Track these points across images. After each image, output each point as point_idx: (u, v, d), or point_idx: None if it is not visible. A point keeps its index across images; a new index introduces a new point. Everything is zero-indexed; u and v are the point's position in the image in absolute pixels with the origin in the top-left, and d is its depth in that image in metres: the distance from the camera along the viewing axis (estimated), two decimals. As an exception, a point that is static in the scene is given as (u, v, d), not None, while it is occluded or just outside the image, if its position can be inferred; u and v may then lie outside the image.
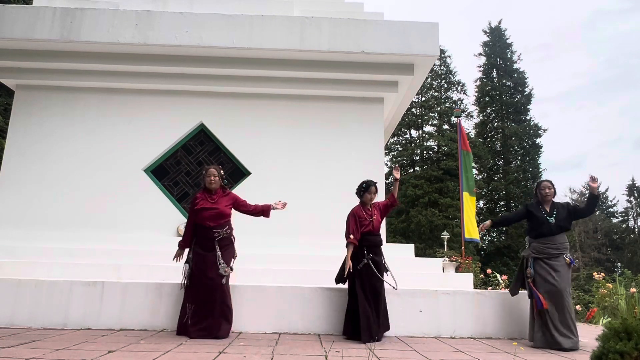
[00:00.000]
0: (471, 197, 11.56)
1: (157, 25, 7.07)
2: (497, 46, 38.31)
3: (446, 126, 35.12)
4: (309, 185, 7.44)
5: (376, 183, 5.30)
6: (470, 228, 11.23)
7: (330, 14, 7.61)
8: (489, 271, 13.64)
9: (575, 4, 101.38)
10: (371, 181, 5.23)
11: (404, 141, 36.77)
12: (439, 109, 35.56)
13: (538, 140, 35.47)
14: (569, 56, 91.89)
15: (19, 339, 4.30)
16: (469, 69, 77.00)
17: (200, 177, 7.60)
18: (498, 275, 13.05)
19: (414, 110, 35.79)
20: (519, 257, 5.44)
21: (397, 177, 5.33)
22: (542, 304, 4.84)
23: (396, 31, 7.17)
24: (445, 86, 37.36)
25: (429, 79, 35.65)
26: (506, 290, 5.76)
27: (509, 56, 38.05)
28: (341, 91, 7.70)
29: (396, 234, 30.80)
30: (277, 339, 4.84)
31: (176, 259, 5.09)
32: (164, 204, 7.36)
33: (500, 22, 39.37)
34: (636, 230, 44.78)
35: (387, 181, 33.87)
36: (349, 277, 5.00)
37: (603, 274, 10.69)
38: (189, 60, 7.34)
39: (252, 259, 6.15)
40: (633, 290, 9.11)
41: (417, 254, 9.15)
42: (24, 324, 5.16)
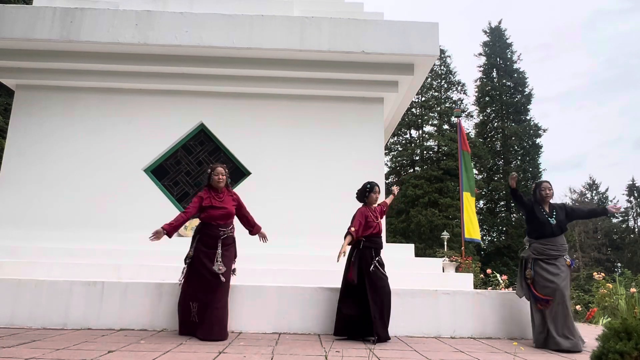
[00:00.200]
0: (471, 197, 11.57)
1: (157, 25, 7.07)
2: (497, 46, 38.32)
3: (446, 126, 35.13)
4: (309, 185, 7.44)
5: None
6: (471, 228, 11.23)
7: (330, 14, 7.61)
8: (489, 271, 13.64)
9: (575, 4, 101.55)
10: (374, 182, 5.28)
11: (404, 141, 36.78)
12: (439, 109, 35.58)
13: (538, 140, 35.50)
14: (569, 56, 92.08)
15: (19, 339, 4.30)
16: (469, 69, 77.16)
17: (200, 176, 7.64)
18: (498, 275, 13.05)
19: (414, 110, 35.80)
20: (519, 258, 5.39)
21: (394, 193, 5.80)
22: (547, 300, 4.82)
23: (396, 31, 7.17)
24: (445, 86, 37.38)
25: (429, 79, 35.66)
26: (506, 290, 5.77)
27: (509, 56, 38.07)
28: (341, 91, 7.70)
29: (396, 234, 30.81)
30: (277, 339, 4.84)
31: (152, 238, 4.67)
32: (164, 204, 7.36)
33: (500, 22, 39.43)
34: (636, 230, 44.81)
35: (387, 181, 33.90)
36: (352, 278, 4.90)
37: (603, 274, 10.67)
38: (189, 60, 7.34)
39: (252, 259, 6.14)
40: (633, 290, 9.10)
41: (417, 254, 9.15)
42: (24, 324, 5.15)
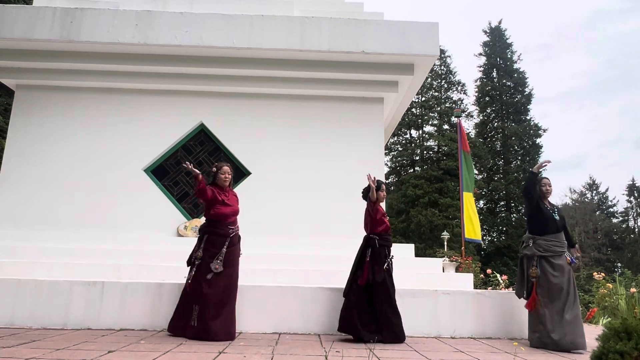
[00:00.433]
0: (472, 197, 11.56)
1: (157, 25, 7.07)
2: (497, 46, 38.30)
3: (446, 126, 35.10)
4: (309, 185, 7.44)
5: None
6: (471, 228, 11.22)
7: (330, 14, 7.61)
8: (489, 271, 13.63)
9: (575, 4, 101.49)
10: (380, 180, 5.26)
11: (404, 141, 36.76)
12: (439, 109, 35.55)
13: (538, 140, 35.47)
14: (569, 56, 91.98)
15: (19, 339, 4.30)
16: (469, 69, 77.07)
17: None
18: (498, 275, 13.04)
19: (414, 110, 35.77)
20: (520, 256, 5.26)
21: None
22: (532, 304, 4.85)
23: (396, 31, 7.17)
24: (445, 86, 37.35)
25: (429, 79, 35.64)
26: (506, 291, 5.74)
27: (509, 56, 38.04)
28: (341, 91, 7.70)
29: (396, 234, 30.78)
30: (277, 339, 4.84)
31: (187, 166, 4.86)
32: (164, 204, 7.36)
33: (500, 22, 39.35)
34: (636, 230, 44.78)
35: (387, 181, 33.89)
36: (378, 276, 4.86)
37: (603, 274, 10.68)
38: (189, 60, 7.34)
39: (252, 259, 6.14)
40: (633, 290, 9.11)
41: (417, 254, 9.14)
42: (24, 323, 5.16)
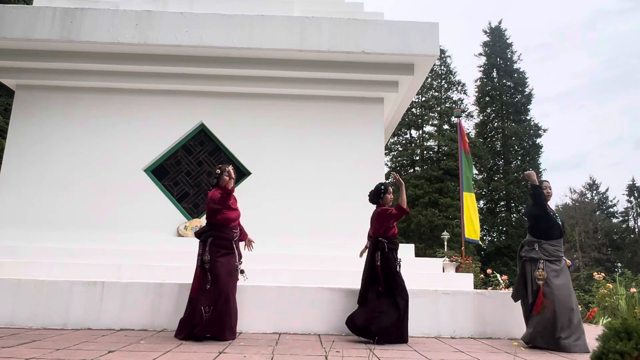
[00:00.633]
0: (472, 197, 11.54)
1: (157, 25, 7.07)
2: (497, 46, 38.27)
3: (446, 126, 35.08)
4: (309, 185, 7.44)
5: None
6: (471, 228, 11.21)
7: (330, 14, 7.61)
8: (489, 271, 13.62)
9: (575, 4, 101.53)
10: (386, 182, 5.27)
11: (404, 141, 36.73)
12: (439, 109, 35.53)
13: (538, 140, 35.44)
14: (569, 56, 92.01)
15: (19, 339, 4.30)
16: (469, 69, 77.01)
17: (200, 176, 7.63)
18: (498, 275, 13.03)
19: (414, 110, 35.75)
20: (522, 260, 5.14)
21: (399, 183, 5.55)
22: (538, 307, 4.83)
23: (396, 31, 7.17)
24: (446, 86, 37.32)
25: (429, 79, 35.62)
26: (506, 291, 5.73)
27: (509, 56, 38.01)
28: (341, 91, 7.70)
29: (396, 234, 30.74)
30: (277, 339, 4.84)
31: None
32: (164, 204, 7.36)
33: (501, 22, 39.30)
34: (636, 230, 44.78)
35: (387, 181, 33.80)
36: (391, 276, 4.87)
37: (603, 274, 10.67)
38: (189, 60, 7.34)
39: (252, 259, 6.14)
40: (633, 290, 9.10)
41: (417, 254, 9.15)
42: (24, 323, 5.16)
